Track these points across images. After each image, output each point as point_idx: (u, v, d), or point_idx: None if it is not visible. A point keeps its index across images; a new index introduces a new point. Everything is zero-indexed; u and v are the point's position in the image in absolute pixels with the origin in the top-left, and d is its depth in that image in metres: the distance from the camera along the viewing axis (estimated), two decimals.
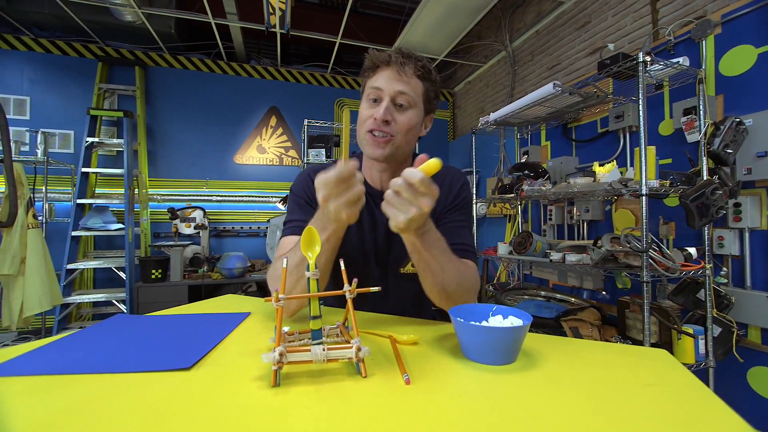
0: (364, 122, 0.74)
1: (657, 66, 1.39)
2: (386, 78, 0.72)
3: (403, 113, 0.73)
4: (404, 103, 0.72)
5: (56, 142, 2.98)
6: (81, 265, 2.71)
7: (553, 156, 2.65)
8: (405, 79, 0.71)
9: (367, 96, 0.74)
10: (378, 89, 0.72)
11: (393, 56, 0.71)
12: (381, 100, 0.72)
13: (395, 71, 0.71)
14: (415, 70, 0.72)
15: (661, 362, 0.52)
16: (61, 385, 0.43)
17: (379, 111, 0.71)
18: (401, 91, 0.71)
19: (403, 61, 0.71)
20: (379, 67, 0.73)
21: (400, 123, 0.73)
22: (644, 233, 1.28)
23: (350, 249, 0.83)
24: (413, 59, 0.72)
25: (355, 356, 0.45)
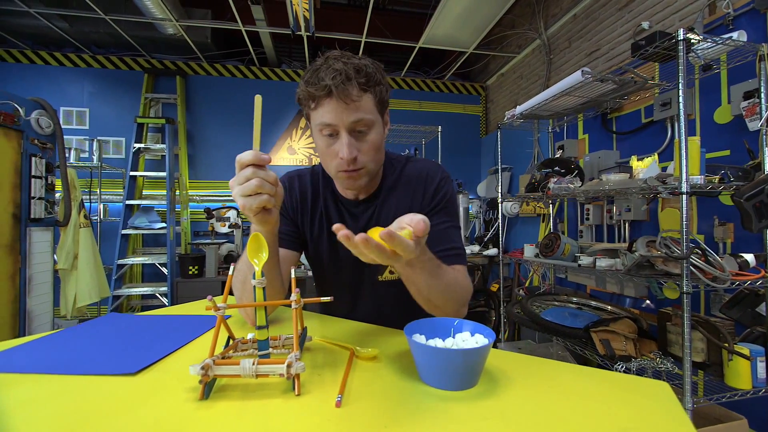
0: (328, 160, 0.68)
1: (705, 44, 1.21)
2: (333, 111, 0.62)
3: (365, 140, 0.66)
4: (363, 129, 0.65)
5: (110, 148, 3.28)
6: (129, 260, 2.96)
7: (591, 150, 2.43)
8: (354, 105, 0.62)
9: (319, 131, 0.66)
10: (329, 125, 0.64)
11: (332, 85, 0.60)
12: (337, 134, 0.65)
13: (341, 102, 0.62)
14: (360, 88, 0.62)
15: (653, 400, 0.43)
16: (17, 382, 0.45)
17: (343, 151, 0.64)
18: (356, 120, 0.63)
19: (344, 85, 0.61)
20: (318, 98, 0.63)
21: (365, 151, 0.67)
22: (685, 237, 1.11)
23: (324, 257, 0.81)
24: (353, 75, 0.62)
25: (286, 373, 0.42)
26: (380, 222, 0.77)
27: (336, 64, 0.62)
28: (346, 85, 0.61)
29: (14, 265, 2.02)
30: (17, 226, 2.01)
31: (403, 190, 0.78)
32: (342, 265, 0.80)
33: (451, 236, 0.74)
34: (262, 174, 0.52)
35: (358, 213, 0.79)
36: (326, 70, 0.62)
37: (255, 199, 0.53)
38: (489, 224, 3.50)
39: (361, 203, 0.79)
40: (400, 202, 0.77)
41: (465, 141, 4.04)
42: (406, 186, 0.78)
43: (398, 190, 0.78)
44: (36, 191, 2.06)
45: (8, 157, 1.95)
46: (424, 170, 0.78)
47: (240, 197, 0.53)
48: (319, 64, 0.64)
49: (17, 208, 2.01)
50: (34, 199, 2.05)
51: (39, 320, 2.15)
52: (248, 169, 0.52)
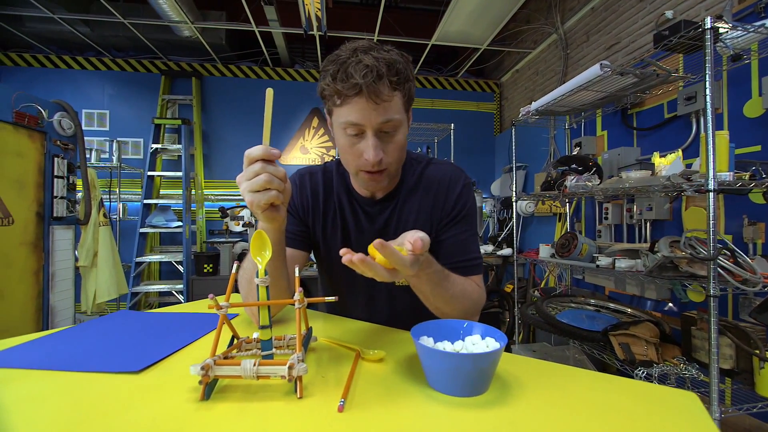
0: (350, 158, 0.65)
1: (734, 32, 1.14)
2: (362, 111, 0.58)
3: (391, 140, 0.63)
4: (390, 130, 0.62)
5: (129, 149, 3.36)
6: (147, 258, 3.03)
7: (610, 147, 2.35)
8: (384, 105, 0.58)
9: (343, 129, 0.62)
10: (357, 125, 0.60)
11: (363, 83, 0.56)
12: (363, 134, 0.61)
13: (371, 102, 0.57)
14: (391, 86, 0.58)
15: (680, 412, 0.40)
16: (25, 378, 0.46)
17: (369, 152, 0.61)
18: (384, 121, 0.60)
19: (375, 83, 0.56)
20: (345, 96, 0.59)
21: (390, 152, 0.63)
22: (712, 237, 1.05)
23: (335, 256, 0.79)
24: (385, 72, 0.57)
25: (288, 375, 0.41)
26: (399, 223, 0.75)
27: (366, 58, 0.57)
28: (378, 84, 0.57)
29: (38, 261, 2.09)
30: (41, 225, 2.08)
31: (424, 193, 0.74)
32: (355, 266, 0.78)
33: (469, 246, 0.71)
34: (271, 169, 0.51)
35: (375, 213, 0.76)
36: (356, 66, 0.57)
37: (263, 195, 0.51)
38: (503, 223, 3.44)
39: (378, 203, 0.76)
40: (420, 206, 0.74)
41: (479, 139, 3.98)
42: (426, 189, 0.74)
43: (418, 193, 0.74)
44: (58, 191, 2.12)
45: (32, 158, 2.02)
46: (446, 175, 0.74)
47: (248, 193, 0.51)
48: (346, 57, 0.58)
49: (41, 206, 2.07)
50: (57, 198, 2.12)
51: (61, 315, 2.23)
52: (257, 164, 0.51)
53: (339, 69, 0.58)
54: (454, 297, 0.61)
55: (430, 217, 0.74)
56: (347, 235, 0.77)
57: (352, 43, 0.61)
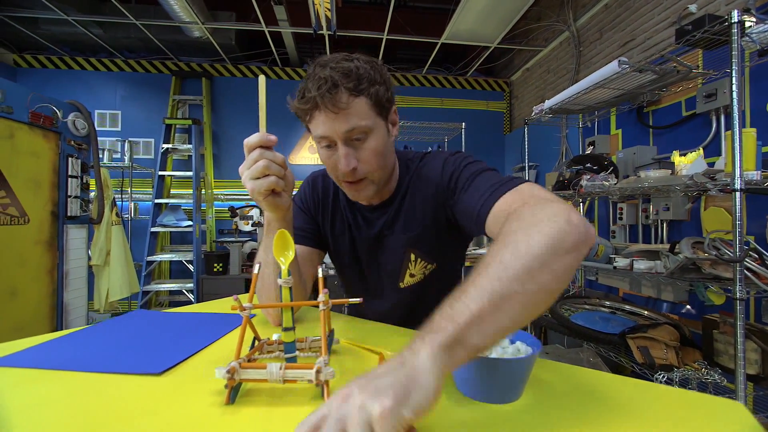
0: (330, 170, 0.65)
1: (762, 26, 1.10)
2: (324, 123, 0.58)
3: (363, 147, 0.61)
4: (360, 136, 0.60)
5: (140, 149, 3.40)
6: (158, 257, 3.06)
7: (625, 146, 2.31)
8: (344, 113, 0.57)
9: (318, 143, 0.63)
10: (324, 137, 0.60)
11: (317, 96, 0.55)
12: (335, 146, 0.61)
13: (329, 113, 0.57)
14: (349, 93, 0.57)
15: (726, 422, 0.37)
16: (46, 379, 0.45)
17: (341, 162, 0.60)
18: (348, 129, 0.58)
19: (330, 93, 0.55)
20: (308, 112, 0.59)
21: (365, 159, 0.61)
22: (738, 238, 1.02)
23: (345, 259, 0.79)
24: (340, 80, 0.56)
25: (315, 379, 0.39)
26: (394, 226, 0.72)
27: (322, 71, 0.57)
28: (333, 93, 0.56)
29: (52, 260, 2.11)
30: (55, 224, 2.10)
31: (419, 192, 0.71)
32: (363, 268, 0.78)
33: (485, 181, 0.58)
34: (269, 155, 0.51)
35: (372, 219, 0.75)
36: (313, 80, 0.57)
37: (263, 181, 0.52)
38: None
39: (375, 209, 0.74)
40: (417, 205, 0.71)
41: (488, 138, 3.94)
42: (422, 186, 0.71)
43: (414, 193, 0.72)
44: (72, 190, 2.15)
45: (47, 158, 2.05)
46: (432, 164, 0.70)
47: (249, 181, 0.52)
48: (309, 73, 0.59)
49: (55, 206, 2.10)
50: (71, 197, 2.14)
51: (75, 313, 2.25)
52: (255, 152, 0.51)
53: (301, 88, 0.59)
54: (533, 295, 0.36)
55: (425, 205, 0.70)
56: (353, 239, 0.78)
57: (318, 58, 0.61)
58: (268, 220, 0.60)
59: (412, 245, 0.71)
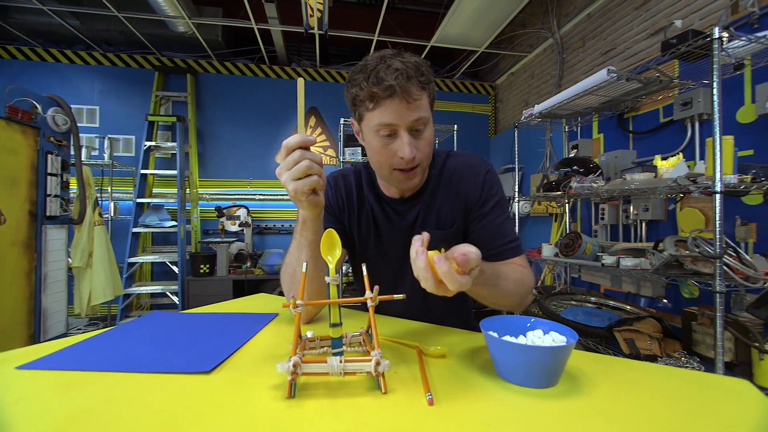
0: (384, 159, 0.67)
1: (737, 42, 1.20)
2: (395, 111, 0.61)
3: (422, 137, 0.66)
4: (421, 127, 0.65)
5: (120, 146, 3.27)
6: (140, 259, 2.95)
7: (606, 150, 2.43)
8: (415, 103, 0.62)
9: (375, 130, 0.64)
10: (390, 125, 0.63)
11: (396, 84, 0.59)
12: (396, 134, 0.64)
13: (403, 101, 0.61)
14: (419, 86, 0.62)
15: (742, 397, 0.42)
16: (88, 381, 0.45)
17: (404, 150, 0.63)
18: (416, 119, 0.63)
19: (407, 84, 0.60)
20: (378, 99, 0.62)
21: (422, 148, 0.66)
22: (718, 236, 1.11)
23: (371, 255, 0.81)
24: (414, 73, 0.61)
25: (374, 371, 0.41)
26: (427, 218, 0.77)
27: (395, 62, 0.61)
28: (408, 84, 0.60)
29: (30, 262, 2.01)
30: (33, 224, 2.00)
31: (447, 186, 0.77)
32: (389, 262, 0.80)
33: (506, 230, 0.74)
34: (310, 155, 0.53)
35: (404, 211, 0.78)
36: (386, 70, 0.60)
37: (306, 181, 0.53)
38: None
39: (406, 201, 0.78)
40: (446, 198, 0.77)
41: (474, 140, 4.03)
42: (449, 182, 0.77)
43: (443, 187, 0.77)
44: (52, 189, 2.05)
45: (25, 155, 1.94)
46: (467, 165, 0.77)
47: (291, 182, 0.53)
48: (374, 64, 0.62)
49: (33, 205, 2.00)
50: (50, 196, 2.04)
51: (54, 318, 2.15)
52: (296, 152, 0.52)
53: (370, 75, 0.61)
54: (509, 291, 0.63)
55: (455, 208, 0.76)
56: (379, 235, 0.80)
57: (376, 53, 0.65)
58: (303, 218, 0.61)
59: (443, 239, 0.75)
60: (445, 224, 0.76)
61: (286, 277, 0.67)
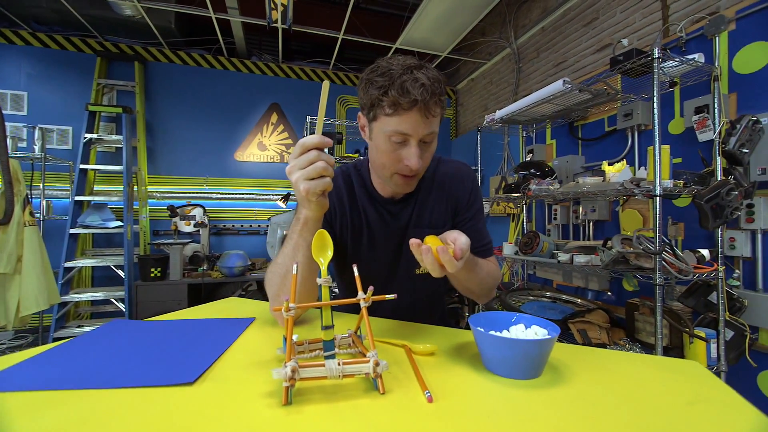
0: (390, 163, 0.69)
1: (671, 63, 1.36)
2: (413, 123, 0.64)
3: (428, 149, 0.70)
4: (430, 141, 0.69)
5: (54, 138, 2.93)
6: (79, 263, 2.67)
7: (558, 155, 2.61)
8: (431, 119, 0.65)
9: (387, 135, 0.66)
10: (405, 134, 0.65)
11: (420, 99, 0.61)
12: (407, 143, 0.66)
13: (422, 115, 0.63)
14: (438, 103, 0.65)
15: (696, 376, 0.48)
16: (58, 401, 0.40)
17: (412, 160, 0.66)
18: (429, 133, 0.66)
19: (429, 100, 0.62)
20: (400, 107, 0.63)
21: (426, 159, 0.70)
22: (657, 235, 1.24)
23: (361, 253, 0.81)
24: (437, 90, 0.63)
25: (373, 372, 0.41)
26: (420, 219, 0.81)
27: (421, 76, 0.62)
28: (430, 100, 0.63)
29: None
30: None
31: (438, 189, 0.82)
32: (379, 262, 0.82)
33: (484, 233, 0.81)
34: (325, 157, 0.54)
35: (397, 211, 0.81)
36: (413, 83, 0.61)
37: (319, 182, 0.54)
38: None
39: (399, 202, 0.81)
40: (437, 200, 0.81)
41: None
42: (440, 185, 0.82)
43: (434, 190, 0.82)
44: None
45: None
46: (458, 172, 0.83)
47: (304, 181, 0.53)
48: (399, 72, 0.62)
49: None
50: None
51: None
52: (312, 153, 0.53)
53: (394, 83, 0.62)
54: (483, 279, 0.70)
55: (446, 209, 0.82)
56: (372, 235, 0.81)
57: (399, 58, 0.66)
58: (306, 219, 0.61)
59: None
60: (437, 224, 0.81)
61: (275, 278, 0.65)
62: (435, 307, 0.88)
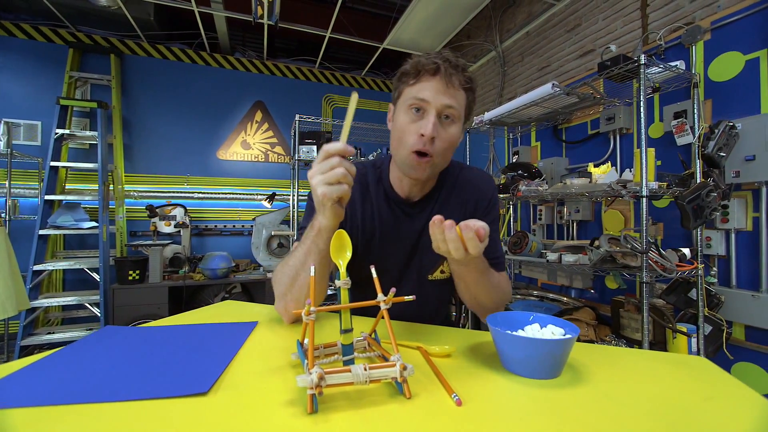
0: (406, 136, 0.69)
1: (655, 69, 1.41)
2: (432, 89, 0.65)
3: (447, 128, 0.68)
4: (450, 116, 0.68)
5: (21, 133, 2.75)
6: (49, 266, 2.52)
7: (543, 156, 2.67)
8: (452, 92, 0.66)
9: (408, 105, 0.68)
10: (423, 101, 0.66)
11: (441, 65, 0.65)
12: (425, 113, 0.67)
13: (443, 83, 0.65)
14: (461, 82, 0.67)
15: (706, 371, 0.50)
16: (57, 418, 0.37)
17: (427, 127, 0.65)
18: (448, 105, 0.66)
19: (452, 71, 0.65)
20: (422, 74, 0.66)
21: (443, 139, 0.68)
22: (644, 234, 1.29)
23: (375, 256, 0.80)
24: (461, 69, 0.67)
25: (400, 376, 0.40)
26: None
27: (449, 56, 0.67)
28: (452, 71, 0.65)
29: None
30: None
31: (459, 196, 0.81)
32: (394, 263, 0.80)
33: (498, 245, 0.80)
34: (347, 165, 0.53)
35: (413, 214, 0.79)
36: (438, 56, 0.66)
37: (337, 188, 0.53)
38: None
39: (416, 204, 0.79)
40: (456, 206, 0.80)
41: None
42: (461, 191, 0.81)
43: (454, 196, 0.80)
44: None
45: None
46: (480, 181, 0.82)
47: (322, 185, 0.53)
48: (428, 54, 0.68)
49: None
50: None
51: None
52: (335, 159, 0.53)
53: (422, 57, 0.67)
54: (492, 288, 0.68)
55: (465, 215, 0.80)
56: (384, 236, 0.79)
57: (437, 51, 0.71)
58: (320, 228, 0.60)
59: None
60: None
61: (285, 278, 0.65)
62: (440, 314, 0.87)
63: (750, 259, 1.54)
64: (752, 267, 1.51)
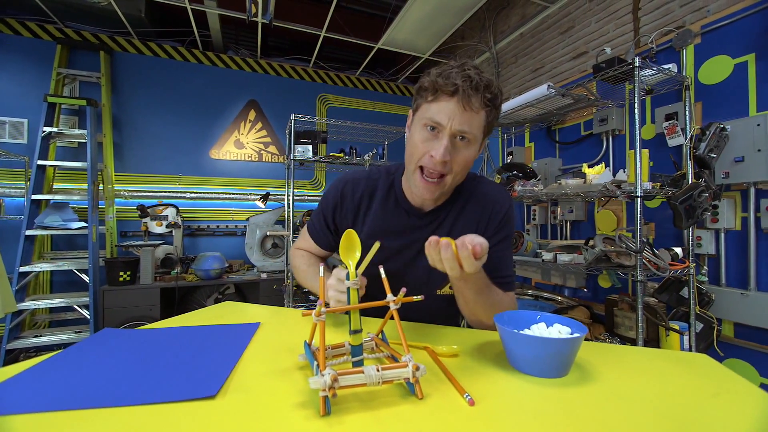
0: (417, 155, 0.67)
1: (648, 71, 1.43)
2: (448, 111, 0.63)
3: (461, 151, 0.66)
4: (464, 141, 0.66)
5: (6, 131, 2.68)
6: (36, 267, 2.45)
7: (537, 157, 2.70)
8: (468, 114, 0.63)
9: (422, 123, 0.66)
10: (438, 123, 0.64)
11: (460, 87, 0.61)
12: (439, 134, 0.65)
13: (460, 106, 0.62)
14: (482, 103, 0.63)
15: (710, 368, 0.51)
16: (61, 424, 0.36)
17: (438, 151, 0.64)
18: (462, 130, 0.64)
19: (471, 93, 0.62)
20: (440, 93, 0.63)
21: (456, 161, 0.66)
22: (638, 234, 1.31)
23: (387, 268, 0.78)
24: (481, 90, 0.63)
25: (412, 376, 0.40)
26: (455, 229, 0.77)
27: (471, 72, 0.63)
28: (472, 93, 0.62)
29: None
30: None
31: (472, 210, 0.77)
32: (405, 275, 0.78)
33: (508, 264, 0.77)
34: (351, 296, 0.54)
35: (422, 225, 0.77)
36: (459, 74, 0.62)
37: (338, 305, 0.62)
38: None
39: (427, 215, 0.77)
40: (469, 219, 0.77)
41: None
42: (476, 203, 0.77)
43: (467, 209, 0.78)
44: None
45: None
46: (497, 195, 0.78)
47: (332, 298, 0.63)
48: (453, 66, 0.64)
49: None
50: None
51: None
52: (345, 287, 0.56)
53: (442, 72, 0.64)
54: (491, 306, 0.66)
55: (477, 227, 0.77)
56: (398, 247, 0.78)
57: (462, 60, 0.68)
58: None
59: None
60: None
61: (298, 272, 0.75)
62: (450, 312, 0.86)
63: (739, 258, 1.57)
64: (741, 266, 1.55)
